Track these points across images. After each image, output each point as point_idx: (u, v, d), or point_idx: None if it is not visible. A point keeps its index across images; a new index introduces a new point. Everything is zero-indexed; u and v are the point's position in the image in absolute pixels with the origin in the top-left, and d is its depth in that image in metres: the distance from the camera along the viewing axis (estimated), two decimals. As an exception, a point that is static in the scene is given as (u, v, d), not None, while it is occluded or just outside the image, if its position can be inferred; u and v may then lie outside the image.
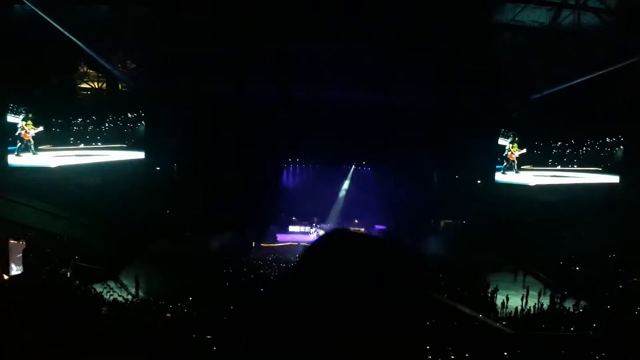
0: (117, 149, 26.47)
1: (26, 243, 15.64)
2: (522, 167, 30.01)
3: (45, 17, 18.03)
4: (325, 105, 27.80)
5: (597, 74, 20.44)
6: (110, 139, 26.32)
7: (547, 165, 30.55)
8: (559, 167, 30.51)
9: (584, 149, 30.57)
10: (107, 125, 26.46)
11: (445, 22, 20.45)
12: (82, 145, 25.54)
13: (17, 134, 23.59)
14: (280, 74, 25.91)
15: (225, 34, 22.45)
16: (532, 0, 19.72)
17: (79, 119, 25.83)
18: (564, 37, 21.01)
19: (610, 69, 19.79)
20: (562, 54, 21.85)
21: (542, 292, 22.77)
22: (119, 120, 26.76)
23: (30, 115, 23.92)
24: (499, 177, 29.60)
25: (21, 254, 15.30)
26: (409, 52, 22.89)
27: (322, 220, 35.07)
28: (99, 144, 26.09)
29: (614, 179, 29.28)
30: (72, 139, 25.44)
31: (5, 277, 14.60)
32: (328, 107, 27.81)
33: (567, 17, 20.78)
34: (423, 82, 25.20)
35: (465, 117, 26.66)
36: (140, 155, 26.74)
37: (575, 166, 30.64)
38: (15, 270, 15.22)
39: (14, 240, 15.70)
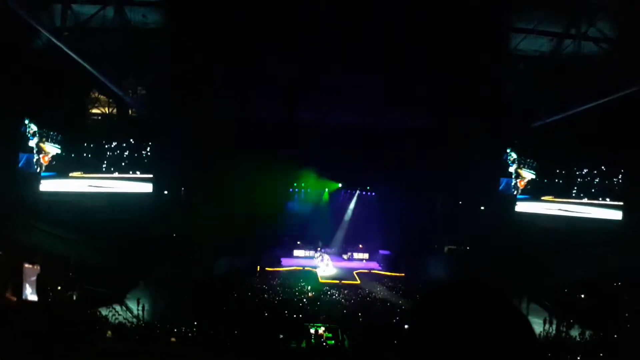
0: (127, 179, 26.68)
1: (40, 268, 15.88)
2: (542, 197, 27.97)
3: (57, 43, 18.67)
4: (329, 130, 28.16)
5: (600, 101, 20.71)
6: (121, 166, 26.63)
7: (571, 197, 27.57)
8: (585, 200, 27.25)
9: (619, 178, 26.85)
10: (119, 151, 26.83)
11: (448, 51, 20.83)
12: (116, 174, 26.16)
13: (35, 159, 24.01)
14: (283, 99, 26.31)
15: (230, 57, 22.95)
16: (533, 31, 20.14)
17: (105, 145, 26.41)
18: (565, 66, 21.36)
19: (612, 97, 20.07)
20: (563, 83, 22.18)
21: (547, 320, 22.65)
22: (129, 146, 27.10)
23: (45, 138, 24.48)
24: (520, 207, 28.07)
25: (35, 278, 15.51)
26: (411, 81, 23.28)
27: (326, 244, 35.19)
28: (119, 173, 26.44)
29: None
30: (104, 166, 26.07)
31: (14, 298, 14.81)
32: (332, 132, 28.16)
33: (568, 47, 21.19)
34: (427, 108, 25.57)
35: (469, 143, 26.89)
36: (148, 186, 26.89)
37: (607, 199, 26.92)
38: (30, 293, 15.44)
39: (29, 264, 15.93)
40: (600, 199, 27.27)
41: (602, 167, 27.37)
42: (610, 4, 19.12)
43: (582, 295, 25.21)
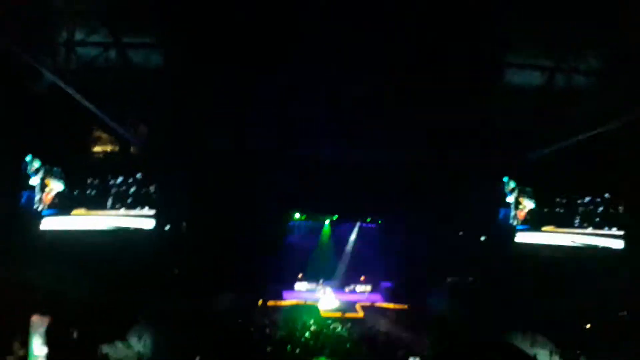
0: (130, 216, 26.49)
1: (50, 319, 15.45)
2: (543, 228, 26.89)
3: (60, 84, 19.18)
4: (329, 163, 28.34)
5: (592, 133, 21.03)
6: (125, 202, 26.60)
7: (574, 227, 26.63)
8: (589, 230, 26.36)
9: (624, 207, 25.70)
10: (125, 188, 26.85)
11: (439, 81, 21.11)
12: (121, 210, 25.52)
13: (37, 198, 23.78)
14: (281, 132, 26.53)
15: (226, 89, 23.29)
16: (525, 66, 20.59)
17: (110, 182, 26.15)
18: (557, 98, 21.76)
19: (604, 128, 20.39)
20: (556, 115, 22.53)
21: (553, 351, 22.43)
22: (133, 183, 27.16)
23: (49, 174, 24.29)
24: (520, 238, 26.79)
25: (44, 329, 15.15)
26: (406, 114, 23.53)
27: (328, 277, 35.02)
28: (125, 209, 26.16)
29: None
30: (109, 202, 25.59)
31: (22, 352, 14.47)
32: (332, 166, 28.33)
33: (559, 80, 21.64)
34: (421, 141, 25.77)
35: (468, 175, 27.04)
36: (150, 222, 26.73)
37: (614, 229, 25.99)
38: (39, 346, 15.04)
39: (38, 315, 15.56)
40: (607, 228, 26.33)
41: (606, 195, 26.43)
42: (599, 36, 19.63)
43: (588, 326, 24.98)
